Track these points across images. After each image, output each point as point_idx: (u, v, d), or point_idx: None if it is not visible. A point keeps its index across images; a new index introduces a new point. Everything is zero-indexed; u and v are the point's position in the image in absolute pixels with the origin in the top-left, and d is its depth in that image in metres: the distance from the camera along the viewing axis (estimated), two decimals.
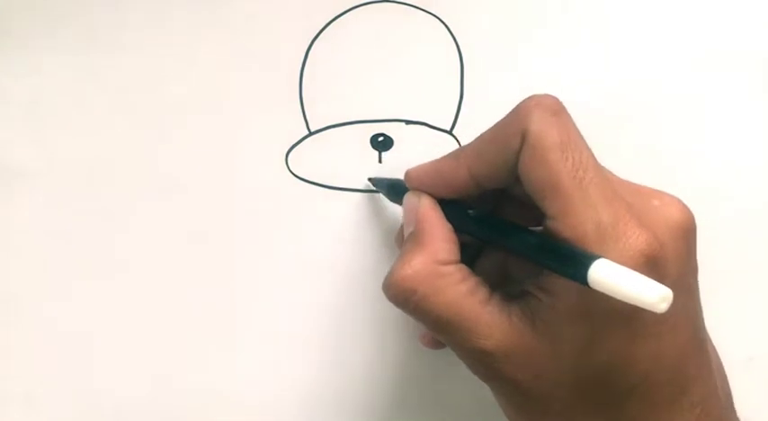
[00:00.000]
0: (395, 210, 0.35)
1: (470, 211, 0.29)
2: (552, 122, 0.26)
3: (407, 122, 0.35)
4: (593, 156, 0.26)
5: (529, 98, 0.27)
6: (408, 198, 0.31)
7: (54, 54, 0.35)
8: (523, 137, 0.26)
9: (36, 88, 0.36)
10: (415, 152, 0.35)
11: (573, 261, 0.24)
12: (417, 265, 0.28)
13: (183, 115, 0.35)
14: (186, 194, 0.35)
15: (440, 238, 0.29)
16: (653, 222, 0.26)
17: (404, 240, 0.30)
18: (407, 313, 0.28)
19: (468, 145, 0.29)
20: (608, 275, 0.23)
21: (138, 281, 0.35)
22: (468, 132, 0.35)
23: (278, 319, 0.35)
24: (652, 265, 0.25)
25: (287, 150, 0.35)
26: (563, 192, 0.25)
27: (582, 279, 0.23)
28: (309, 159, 0.35)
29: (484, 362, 0.27)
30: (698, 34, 0.36)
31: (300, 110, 0.35)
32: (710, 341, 0.29)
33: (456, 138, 0.35)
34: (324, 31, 0.35)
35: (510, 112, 0.27)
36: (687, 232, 0.27)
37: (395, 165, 0.35)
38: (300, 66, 0.35)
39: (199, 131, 0.35)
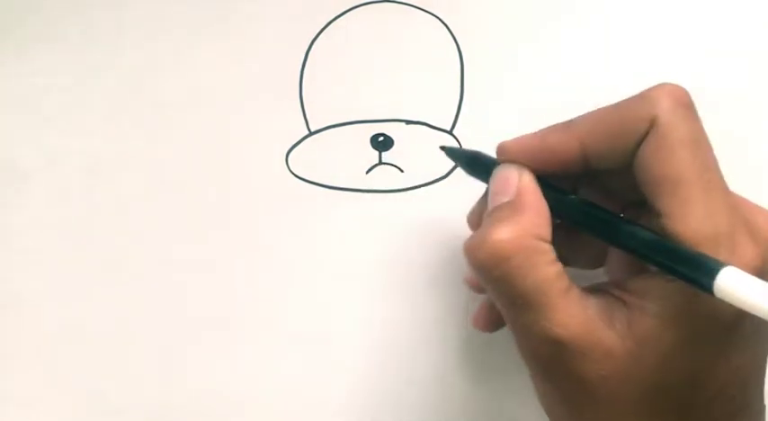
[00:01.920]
0: (395, 210, 0.35)
1: (573, 196, 0.28)
2: (684, 115, 0.25)
3: (407, 122, 0.35)
4: (717, 160, 0.25)
5: (659, 85, 0.26)
6: (504, 168, 0.28)
7: (54, 54, 0.35)
8: (652, 123, 0.25)
9: (36, 88, 0.36)
10: (415, 152, 0.35)
11: (698, 266, 0.23)
12: (519, 232, 0.26)
13: (183, 115, 0.35)
14: (186, 194, 0.35)
15: (539, 213, 0.27)
16: (761, 238, 0.25)
17: (493, 208, 0.28)
18: (488, 280, 0.26)
19: (582, 118, 0.27)
20: (738, 284, 0.22)
21: (138, 280, 0.35)
22: (468, 132, 0.35)
23: (278, 319, 0.35)
24: (760, 276, 0.24)
25: (287, 150, 0.35)
26: (688, 191, 0.24)
27: (707, 285, 0.23)
28: (309, 159, 0.35)
29: (549, 352, 0.26)
30: (698, 34, 0.36)
31: (300, 110, 0.35)
32: None
33: (456, 138, 0.35)
34: (324, 31, 0.35)
35: (636, 96, 0.26)
36: None
37: (395, 165, 0.35)
38: (300, 66, 0.35)
39: (199, 131, 0.35)
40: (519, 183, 0.28)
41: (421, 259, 0.35)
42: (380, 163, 0.35)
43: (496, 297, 0.27)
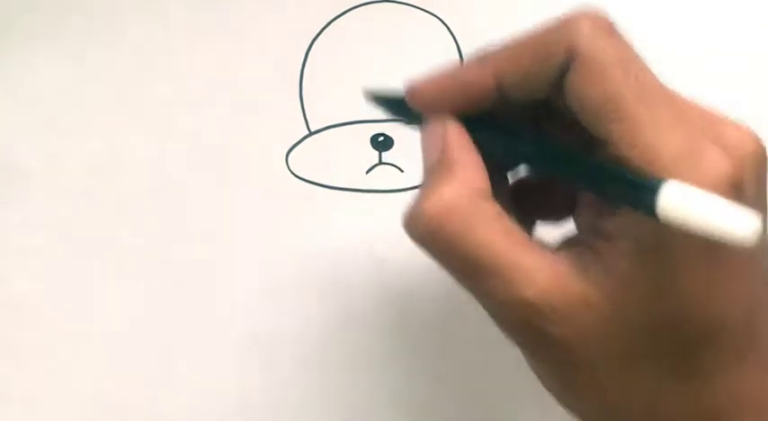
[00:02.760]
0: (395, 210, 0.35)
1: (492, 138, 0.25)
2: (607, 38, 0.23)
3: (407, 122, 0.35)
4: (656, 75, 0.23)
5: (574, 11, 0.24)
6: (430, 126, 0.26)
7: (54, 54, 0.35)
8: (571, 52, 0.23)
9: (36, 88, 0.36)
10: (415, 152, 0.35)
11: (638, 187, 0.21)
12: (448, 196, 0.24)
13: (183, 115, 0.35)
14: (186, 194, 0.35)
15: (472, 167, 0.24)
16: (730, 149, 0.22)
17: (425, 170, 0.26)
18: (431, 254, 0.24)
19: (496, 50, 0.25)
20: (683, 202, 0.19)
21: (138, 280, 0.35)
22: None
23: (278, 319, 0.35)
24: (736, 194, 0.21)
25: (287, 150, 0.35)
26: (628, 113, 0.22)
27: (650, 208, 0.20)
28: (309, 159, 0.35)
29: (522, 317, 0.23)
30: (698, 35, 0.36)
31: (300, 110, 0.35)
32: None
33: None
34: (324, 31, 0.35)
35: (551, 24, 0.24)
36: (762, 161, 0.23)
37: (395, 165, 0.35)
38: (300, 66, 0.35)
39: (199, 131, 0.35)
40: (444, 137, 0.25)
41: (421, 259, 0.35)
42: (380, 163, 0.35)
43: (449, 271, 0.25)
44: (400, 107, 0.27)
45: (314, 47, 0.35)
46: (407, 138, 0.35)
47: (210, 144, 0.35)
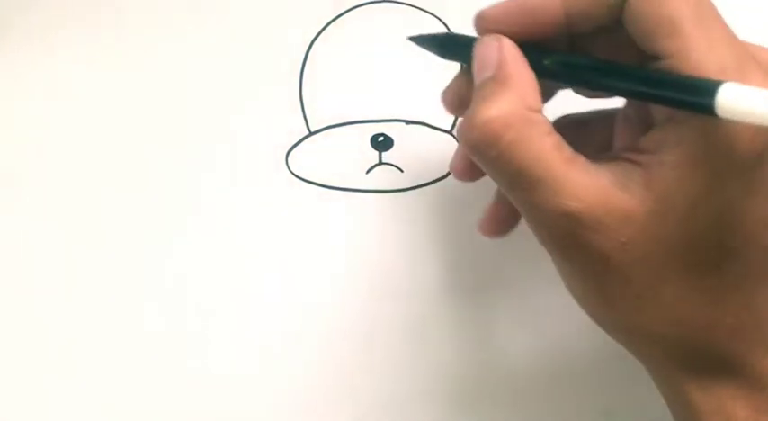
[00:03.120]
0: (395, 210, 0.35)
1: (548, 61, 0.26)
2: None
3: (407, 122, 0.35)
4: (713, 2, 0.24)
5: None
6: (484, 40, 0.27)
7: (54, 54, 0.35)
8: None
9: (36, 88, 0.36)
10: (415, 152, 0.35)
11: (697, 88, 0.22)
12: (506, 107, 0.25)
13: (183, 115, 0.35)
14: (186, 194, 0.35)
15: (527, 82, 0.26)
16: None
17: (478, 86, 0.26)
18: (485, 162, 0.25)
19: None
20: (740, 95, 0.21)
21: (138, 280, 0.35)
22: None
23: (277, 319, 0.35)
24: None
25: (287, 150, 0.35)
26: (684, 29, 0.23)
27: (707, 105, 0.21)
28: (309, 159, 0.35)
29: (565, 228, 0.25)
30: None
31: (300, 110, 0.35)
32: None
33: (456, 139, 0.35)
34: (324, 31, 0.35)
35: None
36: None
37: (395, 165, 0.35)
38: (300, 66, 0.35)
39: (199, 131, 0.35)
40: (499, 54, 0.26)
41: (421, 259, 0.35)
42: (380, 163, 0.35)
43: (499, 179, 0.26)
44: (447, 46, 0.29)
45: (314, 47, 0.35)
46: (407, 138, 0.35)
47: (210, 144, 0.35)
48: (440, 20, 0.35)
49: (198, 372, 0.35)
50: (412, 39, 0.30)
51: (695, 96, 0.22)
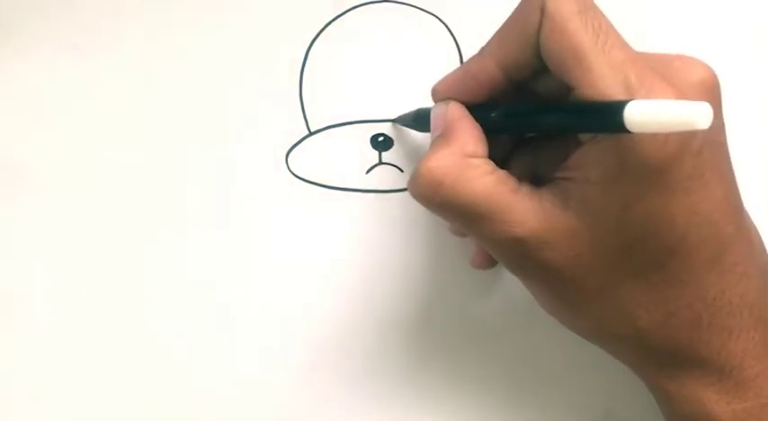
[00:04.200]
0: (395, 210, 0.35)
1: (494, 113, 0.29)
2: None
3: None
4: (611, 23, 0.26)
5: None
6: (435, 107, 0.30)
7: (54, 54, 0.35)
8: (542, 11, 0.26)
9: (36, 88, 0.36)
10: (415, 152, 0.35)
11: (605, 111, 0.24)
12: (444, 157, 0.28)
13: (183, 115, 0.35)
14: (186, 194, 0.35)
15: (468, 134, 0.28)
16: (677, 80, 0.26)
17: (430, 143, 0.29)
18: (434, 208, 0.28)
19: (491, 39, 0.29)
20: (645, 109, 0.22)
21: (138, 280, 0.35)
22: None
23: (277, 319, 0.35)
24: None
25: (287, 150, 0.35)
26: (586, 58, 0.25)
27: (618, 124, 0.23)
28: (309, 159, 0.35)
29: (518, 251, 0.27)
30: (698, 34, 0.36)
31: (300, 110, 0.35)
32: (746, 211, 0.29)
33: None
34: (324, 31, 0.35)
35: None
36: (711, 88, 0.27)
37: (395, 165, 0.35)
38: (300, 66, 0.35)
39: (199, 131, 0.35)
40: (445, 115, 0.29)
41: (421, 259, 0.35)
42: (380, 163, 0.35)
43: (450, 220, 0.29)
44: (421, 119, 0.32)
45: (314, 47, 0.35)
46: (407, 139, 0.35)
47: (210, 144, 0.35)
48: (439, 20, 0.35)
49: (198, 372, 0.35)
50: (393, 121, 0.35)
51: (607, 119, 0.24)
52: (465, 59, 0.35)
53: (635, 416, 0.34)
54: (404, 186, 0.35)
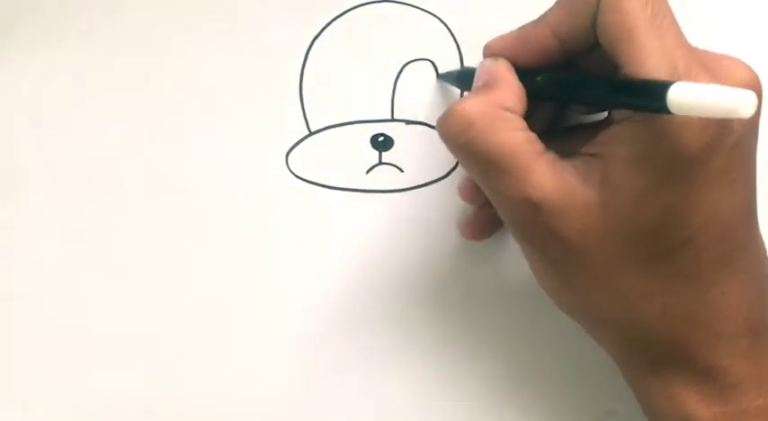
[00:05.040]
0: (395, 210, 0.35)
1: (539, 78, 0.29)
2: None
3: (407, 122, 0.35)
4: (671, 9, 0.26)
5: None
6: (483, 61, 0.30)
7: (54, 54, 0.35)
8: None
9: (36, 88, 0.36)
10: (415, 152, 0.35)
11: (649, 89, 0.24)
12: (481, 103, 0.28)
13: (183, 115, 0.35)
14: (186, 194, 0.35)
15: (509, 89, 0.28)
16: (722, 76, 0.26)
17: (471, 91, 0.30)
18: (456, 149, 0.28)
19: (551, 8, 0.29)
20: (689, 92, 0.22)
21: (138, 281, 0.35)
22: None
23: (277, 319, 0.35)
24: None
25: (287, 150, 0.35)
26: (639, 37, 0.25)
27: (661, 103, 0.23)
28: (309, 159, 0.35)
29: (527, 215, 0.27)
30: (698, 34, 0.36)
31: (300, 110, 0.35)
32: (758, 219, 0.29)
33: None
34: (324, 31, 0.35)
35: None
36: (754, 90, 0.26)
37: (395, 165, 0.35)
38: (300, 66, 0.35)
39: (199, 131, 0.35)
40: (492, 68, 0.29)
41: (421, 259, 0.35)
42: (380, 163, 0.35)
43: (469, 166, 0.28)
44: (466, 77, 0.32)
45: (314, 47, 0.35)
46: (407, 138, 0.35)
47: (210, 144, 0.35)
48: (440, 20, 0.35)
49: (197, 372, 0.35)
50: (439, 77, 0.35)
51: (650, 97, 0.24)
52: (465, 60, 0.35)
53: (635, 416, 0.34)
54: (404, 186, 0.35)
